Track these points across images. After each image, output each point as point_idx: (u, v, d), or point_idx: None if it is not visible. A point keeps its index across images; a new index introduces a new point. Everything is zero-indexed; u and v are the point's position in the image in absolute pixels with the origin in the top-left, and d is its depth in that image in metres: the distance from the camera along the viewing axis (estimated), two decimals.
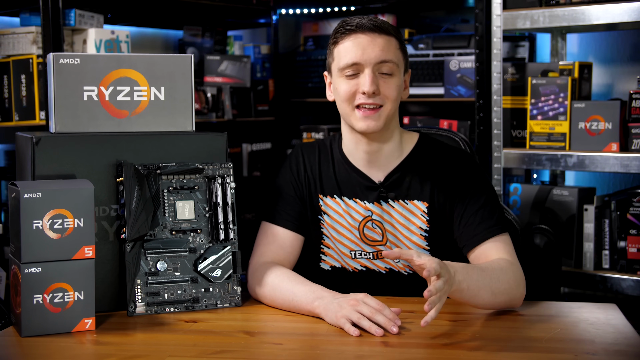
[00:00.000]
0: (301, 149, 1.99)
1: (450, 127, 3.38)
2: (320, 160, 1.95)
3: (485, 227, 1.81)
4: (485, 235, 1.80)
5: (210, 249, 1.81)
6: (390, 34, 1.81)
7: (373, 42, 1.78)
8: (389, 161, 1.88)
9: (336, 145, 1.96)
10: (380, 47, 1.78)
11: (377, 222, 1.88)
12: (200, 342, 1.57)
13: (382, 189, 1.88)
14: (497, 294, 1.69)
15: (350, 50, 1.79)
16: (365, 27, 1.79)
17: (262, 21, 3.99)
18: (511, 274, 1.73)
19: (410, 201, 1.87)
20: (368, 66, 1.78)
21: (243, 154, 3.85)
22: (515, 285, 1.73)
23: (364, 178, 1.89)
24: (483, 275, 1.67)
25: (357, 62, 1.79)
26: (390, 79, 1.80)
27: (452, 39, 3.43)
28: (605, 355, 1.48)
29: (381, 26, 1.80)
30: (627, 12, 2.67)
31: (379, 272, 1.90)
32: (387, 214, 1.88)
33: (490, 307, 1.73)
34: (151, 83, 1.84)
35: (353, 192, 1.90)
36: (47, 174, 1.72)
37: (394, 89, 1.80)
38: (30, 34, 2.73)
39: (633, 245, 2.77)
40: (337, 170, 1.93)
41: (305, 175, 1.95)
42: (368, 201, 1.89)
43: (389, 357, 1.47)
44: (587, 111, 2.81)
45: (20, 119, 2.77)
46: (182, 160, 1.82)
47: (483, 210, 1.82)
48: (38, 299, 1.59)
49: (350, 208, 1.90)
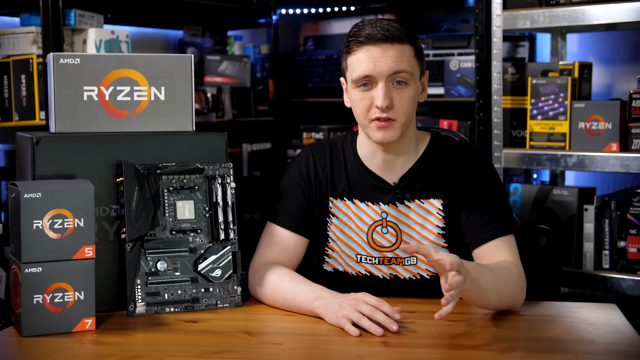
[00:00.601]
0: (311, 150, 1.96)
1: (450, 127, 3.38)
2: (332, 162, 1.93)
3: (493, 227, 1.81)
4: (492, 235, 1.81)
5: (210, 249, 1.81)
6: (403, 42, 1.77)
7: (385, 53, 1.75)
8: (404, 164, 1.88)
9: (349, 147, 1.94)
10: (392, 59, 1.75)
11: (392, 224, 1.87)
12: (200, 342, 1.57)
13: (397, 190, 1.87)
14: (503, 296, 1.70)
15: (362, 62, 1.77)
16: (377, 39, 1.75)
17: (262, 21, 3.98)
18: (517, 278, 1.74)
19: (426, 200, 1.87)
20: (381, 79, 1.76)
21: (243, 154, 3.85)
22: (519, 288, 1.74)
23: (379, 180, 1.88)
24: (492, 277, 1.68)
25: (370, 74, 1.76)
26: (405, 89, 1.78)
27: (452, 39, 3.43)
28: (605, 355, 1.48)
29: (393, 35, 1.75)
30: (627, 12, 2.67)
31: (383, 278, 1.89)
32: (403, 215, 1.87)
33: (494, 308, 1.73)
34: (151, 83, 1.84)
35: (366, 194, 1.89)
36: (47, 174, 1.72)
37: (407, 100, 1.78)
38: (30, 34, 2.73)
39: (633, 245, 2.77)
40: (349, 172, 1.91)
41: (316, 178, 1.93)
42: (383, 203, 1.87)
43: (389, 357, 1.47)
44: (587, 111, 2.81)
45: (20, 119, 2.77)
46: (182, 160, 1.82)
47: (492, 209, 1.83)
48: (38, 299, 1.59)
49: (360, 211, 1.89)
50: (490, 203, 1.83)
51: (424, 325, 1.65)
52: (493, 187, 1.86)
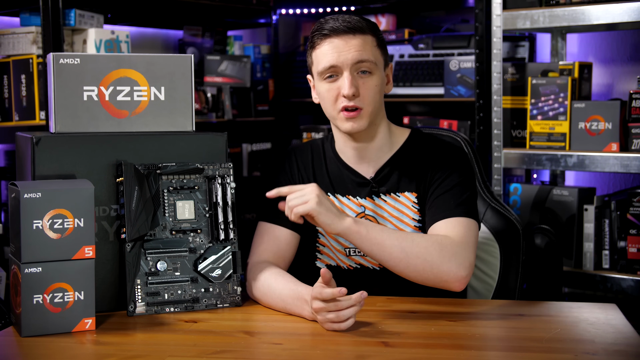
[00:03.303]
0: (293, 151, 2.02)
1: (450, 127, 3.38)
2: (314, 160, 1.98)
3: (445, 208, 1.82)
4: (443, 215, 1.82)
5: (210, 249, 1.81)
6: (365, 33, 1.83)
7: (348, 44, 1.81)
8: (378, 156, 1.91)
9: (329, 144, 1.99)
10: (355, 48, 1.81)
11: (370, 217, 1.90)
12: (200, 342, 1.56)
13: (373, 184, 1.90)
14: (411, 256, 1.71)
15: (326, 54, 1.82)
16: (340, 30, 1.82)
17: (262, 21, 3.99)
18: (442, 246, 1.73)
19: (401, 193, 1.90)
20: (346, 68, 1.81)
21: (243, 154, 3.85)
22: (439, 255, 1.71)
23: (355, 175, 1.92)
24: (391, 232, 1.74)
25: (334, 64, 1.82)
26: (370, 78, 1.83)
27: (452, 39, 3.43)
28: (605, 355, 1.47)
29: (355, 26, 1.82)
30: (627, 12, 2.67)
31: (373, 269, 1.91)
32: (380, 208, 1.90)
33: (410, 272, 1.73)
34: (151, 83, 1.84)
35: (346, 189, 1.93)
36: (47, 174, 1.72)
37: (373, 88, 1.83)
38: (30, 34, 2.73)
39: (633, 245, 2.77)
40: (329, 168, 1.96)
41: (299, 175, 1.97)
42: (360, 197, 1.91)
43: (389, 357, 1.47)
44: (587, 111, 2.81)
45: (20, 119, 2.77)
46: (182, 160, 1.82)
47: (449, 194, 1.84)
48: (38, 299, 1.59)
49: (343, 205, 1.92)
50: (448, 189, 1.84)
51: (424, 325, 1.65)
52: (456, 177, 1.86)
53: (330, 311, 1.60)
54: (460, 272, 1.72)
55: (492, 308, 1.79)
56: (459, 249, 1.74)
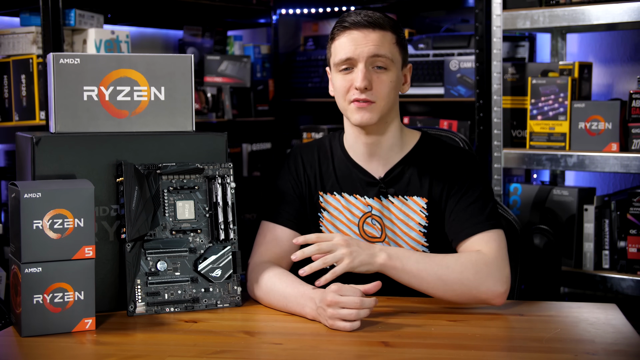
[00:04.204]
0: (299, 150, 2.01)
1: (450, 127, 3.38)
2: (320, 158, 1.97)
3: (474, 222, 1.81)
4: (473, 230, 1.81)
5: (210, 249, 1.81)
6: (385, 29, 1.83)
7: (366, 37, 1.81)
8: (389, 156, 1.90)
9: (337, 142, 1.98)
10: (373, 42, 1.81)
11: (376, 217, 1.90)
12: (200, 342, 1.57)
13: (382, 184, 1.89)
14: (449, 282, 1.72)
15: (344, 46, 1.83)
16: (360, 24, 1.82)
17: (262, 21, 3.98)
18: (472, 267, 1.73)
19: (409, 197, 1.89)
20: (361, 61, 1.81)
21: (243, 154, 3.85)
22: (475, 277, 1.72)
23: (364, 174, 1.91)
24: (427, 260, 1.73)
25: (350, 57, 1.82)
26: (384, 73, 1.82)
27: (452, 39, 3.43)
28: (605, 355, 1.48)
29: (375, 22, 1.82)
30: (627, 12, 2.67)
31: None
32: (386, 209, 1.89)
33: (449, 297, 1.74)
34: (151, 83, 1.84)
35: (353, 188, 1.92)
36: (47, 174, 1.72)
37: (387, 84, 1.82)
38: (30, 34, 2.73)
39: (633, 245, 2.77)
40: (337, 166, 1.95)
41: (305, 174, 1.96)
42: (368, 196, 1.90)
43: (389, 357, 1.47)
44: (587, 111, 2.81)
45: (20, 119, 2.77)
46: (182, 160, 1.82)
47: (474, 206, 1.83)
48: (38, 299, 1.59)
49: (350, 204, 1.92)
50: (472, 200, 1.84)
51: (424, 325, 1.65)
52: (476, 185, 1.86)
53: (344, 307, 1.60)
54: (499, 289, 1.73)
55: (492, 308, 1.79)
56: (493, 267, 1.75)
